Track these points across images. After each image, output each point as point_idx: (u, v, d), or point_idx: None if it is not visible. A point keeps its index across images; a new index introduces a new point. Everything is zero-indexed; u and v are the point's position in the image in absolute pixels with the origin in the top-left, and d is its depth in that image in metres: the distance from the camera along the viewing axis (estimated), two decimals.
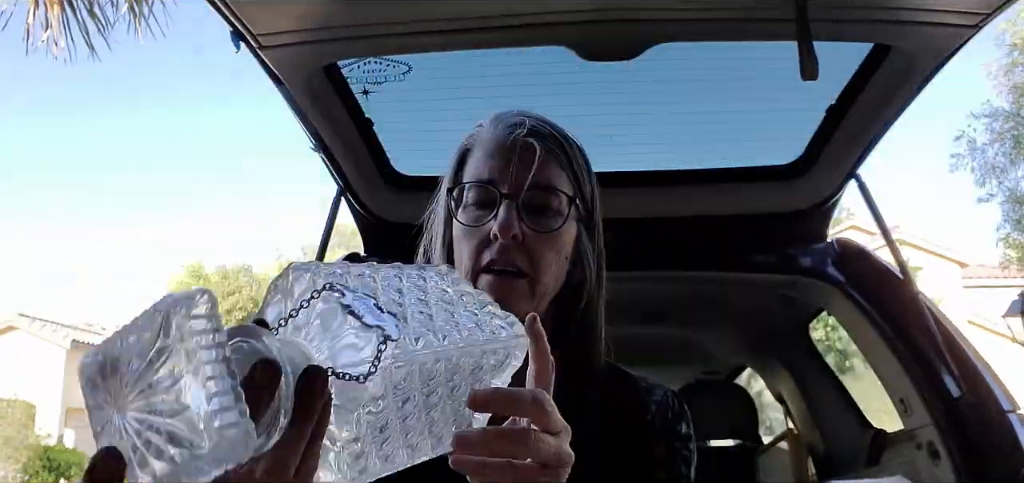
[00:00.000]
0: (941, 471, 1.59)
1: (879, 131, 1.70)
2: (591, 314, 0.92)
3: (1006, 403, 1.60)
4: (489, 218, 0.86)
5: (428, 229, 0.97)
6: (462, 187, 0.90)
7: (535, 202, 0.86)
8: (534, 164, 0.85)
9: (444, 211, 0.93)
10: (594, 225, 0.93)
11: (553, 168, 0.88)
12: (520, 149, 0.87)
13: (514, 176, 0.85)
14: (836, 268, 1.90)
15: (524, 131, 0.89)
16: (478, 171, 0.90)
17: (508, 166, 0.86)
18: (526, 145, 0.87)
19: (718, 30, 1.43)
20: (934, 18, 1.36)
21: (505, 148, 0.88)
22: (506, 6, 1.34)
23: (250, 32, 1.31)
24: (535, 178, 0.85)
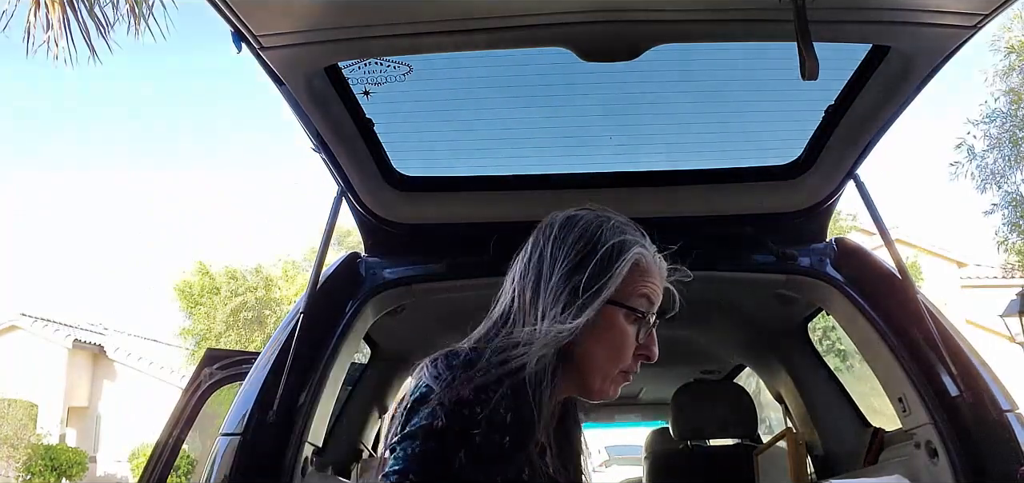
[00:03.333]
0: (939, 470, 1.59)
1: (878, 132, 1.71)
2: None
3: (1004, 402, 1.60)
4: (644, 333, 1.05)
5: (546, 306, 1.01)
6: (637, 309, 1.04)
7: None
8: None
9: (594, 312, 1.00)
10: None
11: None
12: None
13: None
14: (835, 268, 1.91)
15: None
16: (653, 294, 1.07)
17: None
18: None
19: (717, 31, 1.44)
20: (932, 19, 1.36)
21: (663, 277, 1.08)
22: (506, 7, 1.35)
23: (251, 33, 1.32)
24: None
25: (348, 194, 1.90)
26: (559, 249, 1.03)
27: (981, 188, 10.66)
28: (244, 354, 2.39)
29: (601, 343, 1.01)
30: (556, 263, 1.02)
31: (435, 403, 0.93)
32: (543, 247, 1.05)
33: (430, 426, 0.91)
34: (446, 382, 0.94)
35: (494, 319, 1.06)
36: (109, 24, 5.86)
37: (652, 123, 1.87)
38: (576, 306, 0.98)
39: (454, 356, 0.98)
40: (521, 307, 1.03)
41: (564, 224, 1.07)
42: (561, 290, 1.00)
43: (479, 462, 0.91)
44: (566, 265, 1.02)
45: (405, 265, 1.97)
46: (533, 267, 1.05)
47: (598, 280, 1.00)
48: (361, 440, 2.61)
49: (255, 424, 1.60)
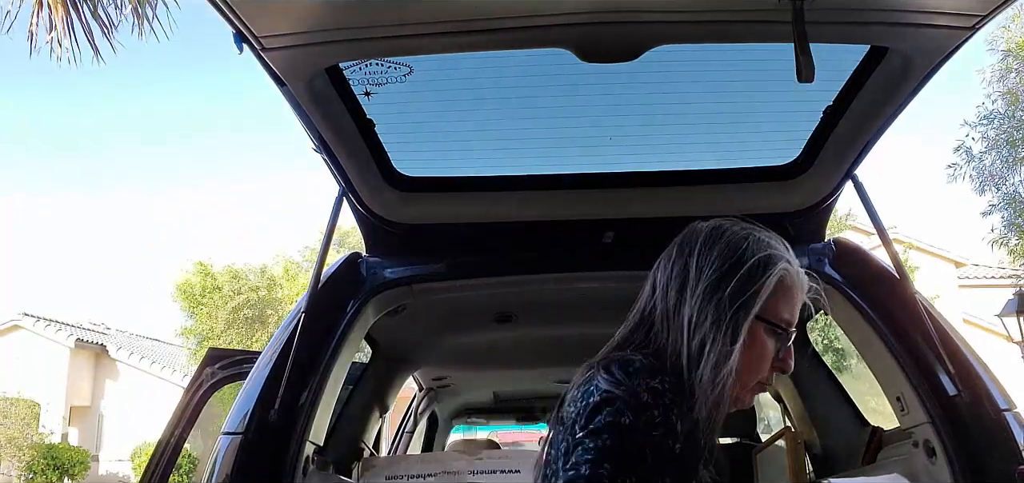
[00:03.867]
0: (938, 469, 1.60)
1: (876, 132, 1.71)
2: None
3: (1002, 401, 1.61)
4: (783, 347, 1.08)
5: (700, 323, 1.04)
6: (780, 325, 1.07)
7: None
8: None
9: (745, 330, 1.03)
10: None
11: None
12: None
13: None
14: (833, 268, 1.91)
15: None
16: (793, 312, 1.08)
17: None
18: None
19: (717, 32, 1.44)
20: (930, 20, 1.37)
21: (803, 292, 1.10)
22: (506, 8, 1.35)
23: (253, 34, 1.33)
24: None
25: (349, 194, 1.91)
26: (705, 259, 1.06)
27: (979, 190, 10.65)
28: (246, 353, 2.40)
29: (743, 356, 1.04)
30: (701, 273, 1.05)
31: (620, 404, 0.97)
32: (688, 256, 1.08)
33: (618, 423, 0.95)
34: (627, 387, 0.98)
35: (633, 323, 1.11)
36: (113, 25, 5.88)
37: (651, 123, 1.87)
38: (725, 322, 1.02)
39: (629, 364, 1.02)
40: (664, 314, 1.07)
41: (710, 235, 1.09)
42: (707, 301, 1.03)
43: (657, 462, 0.96)
44: (712, 276, 1.04)
45: (406, 265, 1.98)
46: (677, 275, 1.08)
47: (743, 294, 1.03)
48: (362, 439, 2.62)
49: (256, 423, 1.61)
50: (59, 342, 18.34)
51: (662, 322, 1.06)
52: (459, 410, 4.45)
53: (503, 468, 1.98)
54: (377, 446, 2.90)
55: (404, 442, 3.83)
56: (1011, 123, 10.19)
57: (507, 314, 2.46)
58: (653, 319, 1.08)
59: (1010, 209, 10.37)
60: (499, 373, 3.62)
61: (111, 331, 20.80)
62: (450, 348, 2.83)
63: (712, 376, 1.01)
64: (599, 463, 0.93)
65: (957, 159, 10.81)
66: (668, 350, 1.04)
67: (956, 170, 10.81)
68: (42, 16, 5.74)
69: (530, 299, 2.33)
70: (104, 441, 18.60)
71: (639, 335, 1.08)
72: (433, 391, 3.78)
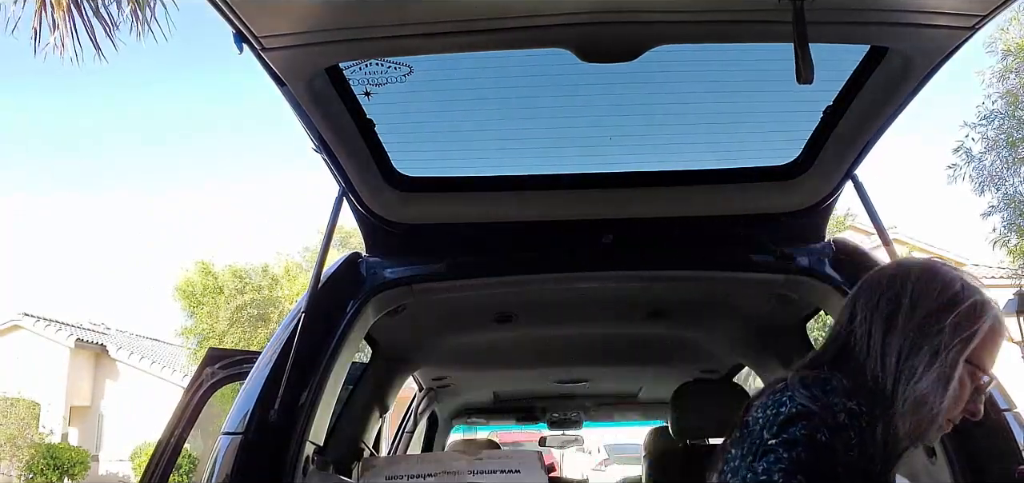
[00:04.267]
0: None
1: (876, 132, 1.71)
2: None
3: (1002, 401, 1.60)
4: (978, 393, 1.08)
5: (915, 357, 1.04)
6: (985, 371, 1.08)
7: None
8: None
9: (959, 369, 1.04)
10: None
11: None
12: None
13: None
14: (833, 268, 1.91)
15: None
16: (994, 360, 1.09)
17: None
18: None
19: (717, 32, 1.45)
20: (930, 20, 1.37)
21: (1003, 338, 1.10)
22: (506, 8, 1.35)
23: (253, 34, 1.33)
24: None
25: (349, 194, 1.91)
26: (919, 296, 1.06)
27: (979, 190, 10.65)
28: (246, 353, 2.40)
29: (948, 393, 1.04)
30: (916, 305, 1.06)
31: (817, 420, 0.98)
32: (899, 289, 1.08)
33: (814, 438, 0.96)
34: (823, 404, 1.00)
35: (832, 346, 1.12)
36: (114, 24, 5.88)
37: (651, 123, 1.88)
38: (941, 356, 1.03)
39: (827, 382, 1.04)
40: (866, 339, 1.07)
41: (924, 273, 1.10)
42: (921, 333, 1.04)
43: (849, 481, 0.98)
44: (930, 306, 1.05)
45: (406, 265, 1.98)
46: (886, 305, 1.08)
47: (962, 333, 1.03)
48: (362, 439, 2.62)
49: (256, 423, 1.61)
50: (59, 342, 18.34)
51: (864, 346, 1.07)
52: (459, 410, 4.45)
53: (503, 468, 1.98)
54: (377, 446, 2.90)
55: (404, 442, 3.83)
56: (1011, 124, 10.19)
57: (507, 314, 2.46)
58: (851, 343, 1.09)
59: (1010, 209, 10.38)
60: (499, 373, 3.62)
61: (111, 331, 20.80)
62: (450, 348, 2.83)
63: (914, 407, 1.02)
64: (793, 474, 0.94)
65: (957, 159, 10.81)
66: (867, 374, 1.05)
67: (956, 170, 10.81)
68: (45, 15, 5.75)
69: (530, 299, 2.33)
70: (104, 441, 18.61)
71: (829, 355, 1.10)
72: (433, 391, 3.78)
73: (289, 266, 17.17)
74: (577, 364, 3.45)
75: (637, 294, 2.31)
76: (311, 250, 17.11)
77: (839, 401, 1.00)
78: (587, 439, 10.26)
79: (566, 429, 4.73)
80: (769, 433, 0.99)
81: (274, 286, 16.69)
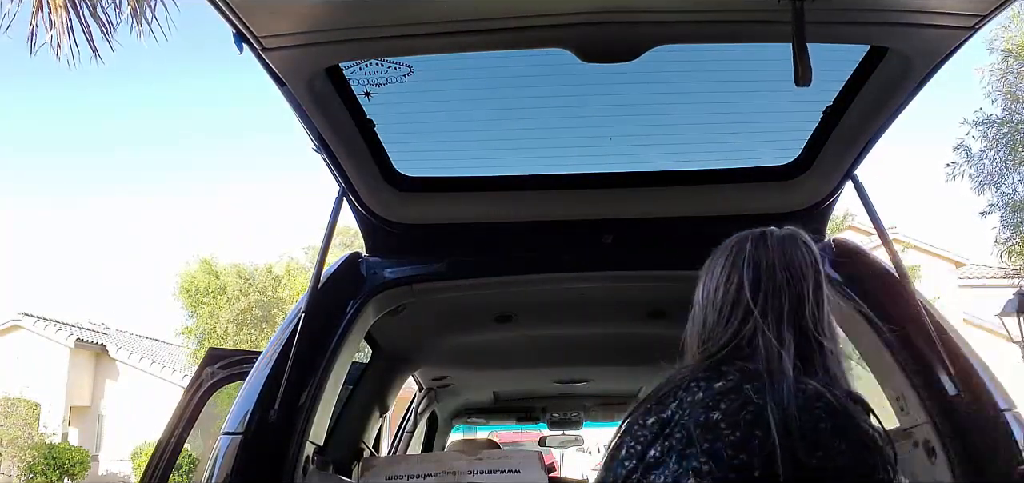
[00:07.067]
0: (938, 469, 1.59)
1: (876, 132, 1.71)
2: None
3: (1002, 402, 1.60)
4: None
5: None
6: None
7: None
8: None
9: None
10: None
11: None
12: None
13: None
14: (833, 268, 1.91)
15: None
16: None
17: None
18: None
19: (716, 32, 1.45)
20: (930, 20, 1.37)
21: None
22: (506, 8, 1.35)
23: (253, 34, 1.33)
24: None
25: (349, 194, 1.91)
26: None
27: (978, 188, 10.65)
28: (246, 353, 2.40)
29: None
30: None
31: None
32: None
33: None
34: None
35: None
36: (112, 25, 5.87)
37: (652, 123, 1.88)
38: None
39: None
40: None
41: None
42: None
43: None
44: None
45: (406, 265, 1.98)
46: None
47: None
48: (362, 439, 2.62)
49: (256, 423, 1.61)
50: (59, 342, 18.34)
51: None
52: (459, 410, 4.45)
53: (503, 468, 1.98)
54: (377, 446, 2.90)
55: (404, 442, 3.83)
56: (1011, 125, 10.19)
57: (507, 314, 2.46)
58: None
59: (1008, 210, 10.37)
60: (499, 373, 3.62)
61: (111, 331, 20.80)
62: (450, 348, 2.83)
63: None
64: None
65: (956, 158, 10.81)
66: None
67: (955, 168, 10.81)
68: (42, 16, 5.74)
69: (530, 299, 2.33)
70: (104, 441, 18.60)
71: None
72: (433, 391, 3.78)
73: (291, 266, 17.18)
74: (577, 364, 3.45)
75: (637, 294, 2.30)
76: (314, 249, 17.11)
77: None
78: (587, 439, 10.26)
79: (566, 429, 4.73)
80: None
81: (277, 287, 16.69)
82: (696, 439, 0.98)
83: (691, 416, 1.01)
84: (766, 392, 0.99)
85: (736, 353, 1.07)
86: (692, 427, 0.99)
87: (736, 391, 1.01)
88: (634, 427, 1.07)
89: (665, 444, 1.01)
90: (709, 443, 0.97)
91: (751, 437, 0.96)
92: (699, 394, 1.04)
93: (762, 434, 0.96)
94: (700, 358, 1.13)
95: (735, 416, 0.98)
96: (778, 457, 0.94)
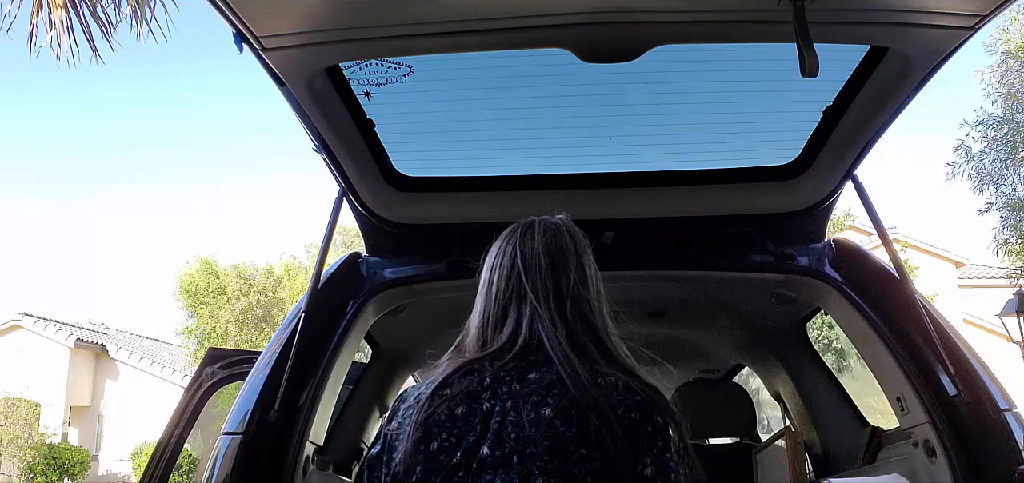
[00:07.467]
0: (938, 469, 1.60)
1: (876, 132, 1.71)
2: None
3: (1002, 401, 1.60)
4: None
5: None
6: None
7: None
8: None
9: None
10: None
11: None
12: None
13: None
14: (833, 267, 1.91)
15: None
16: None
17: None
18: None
19: (717, 32, 1.45)
20: (930, 20, 1.37)
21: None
22: (506, 8, 1.35)
23: (253, 34, 1.33)
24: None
25: (349, 194, 1.91)
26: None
27: (978, 188, 10.65)
28: (246, 353, 2.40)
29: None
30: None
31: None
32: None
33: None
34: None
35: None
36: (112, 25, 5.87)
37: (651, 123, 1.87)
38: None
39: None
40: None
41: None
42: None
43: None
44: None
45: (406, 265, 1.98)
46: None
47: None
48: (362, 439, 2.62)
49: (256, 423, 1.61)
50: (59, 342, 18.34)
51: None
52: None
53: None
54: None
55: None
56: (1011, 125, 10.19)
57: None
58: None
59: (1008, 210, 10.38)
60: None
61: (111, 331, 20.80)
62: (450, 348, 2.83)
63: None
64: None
65: (956, 158, 10.82)
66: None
67: (955, 168, 10.82)
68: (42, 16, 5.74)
69: None
70: (104, 441, 18.61)
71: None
72: None
73: (290, 266, 17.18)
74: None
75: (637, 294, 2.31)
76: (315, 246, 17.12)
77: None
78: None
79: None
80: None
81: (277, 287, 16.69)
82: (533, 438, 0.98)
83: (519, 411, 1.01)
84: (575, 382, 1.01)
85: (521, 344, 1.08)
86: (526, 424, 0.99)
87: (558, 384, 1.02)
88: (440, 418, 1.02)
89: (498, 443, 0.99)
90: (549, 441, 0.98)
91: (586, 430, 0.98)
92: (516, 385, 1.03)
93: (591, 426, 0.98)
94: (479, 347, 1.13)
95: (567, 412, 0.99)
96: (611, 447, 0.97)
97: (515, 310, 1.11)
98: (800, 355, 2.57)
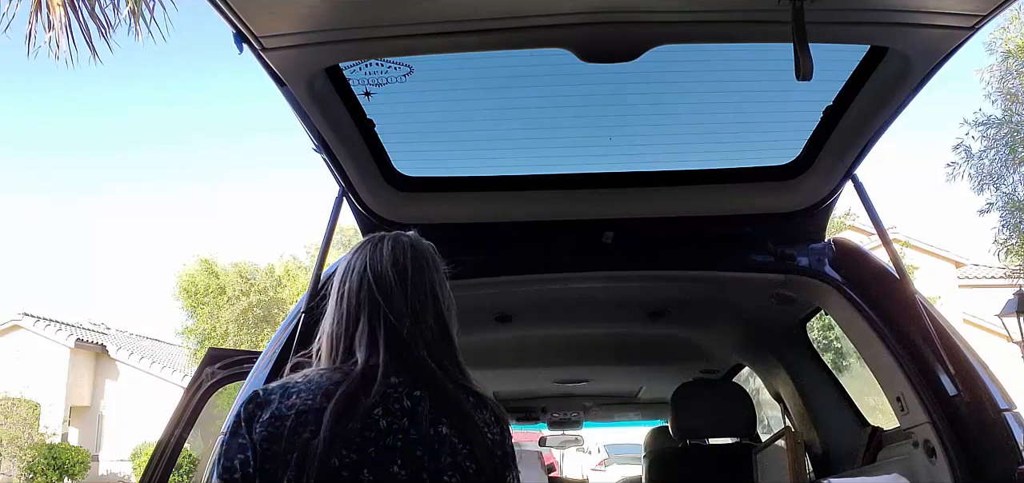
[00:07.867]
0: (938, 469, 1.60)
1: (876, 132, 1.71)
2: None
3: (1002, 401, 1.60)
4: None
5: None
6: None
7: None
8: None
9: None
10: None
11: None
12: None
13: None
14: (833, 267, 1.91)
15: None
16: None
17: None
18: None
19: (716, 32, 1.45)
20: (930, 20, 1.37)
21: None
22: (506, 8, 1.35)
23: (253, 34, 1.33)
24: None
25: (349, 194, 1.91)
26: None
27: (978, 188, 10.66)
28: (246, 353, 2.40)
29: None
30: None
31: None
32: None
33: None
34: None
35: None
36: (110, 26, 5.87)
37: (651, 123, 1.88)
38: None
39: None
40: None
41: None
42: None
43: None
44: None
45: None
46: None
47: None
48: None
49: None
50: (59, 342, 18.33)
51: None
52: None
53: None
54: None
55: None
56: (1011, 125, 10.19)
57: (507, 314, 2.46)
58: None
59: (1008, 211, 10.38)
60: (499, 373, 3.63)
61: (111, 331, 20.80)
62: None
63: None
64: None
65: (956, 158, 10.82)
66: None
67: (954, 168, 10.82)
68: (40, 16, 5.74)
69: (530, 299, 2.34)
70: (104, 441, 18.60)
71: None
72: None
73: (290, 266, 17.18)
74: (577, 364, 3.45)
75: (637, 294, 2.31)
76: (316, 245, 17.13)
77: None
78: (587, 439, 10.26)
79: (566, 429, 4.74)
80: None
81: (277, 287, 16.69)
82: (438, 454, 1.02)
83: (418, 430, 1.03)
84: (456, 400, 1.06)
85: (387, 358, 1.08)
86: (434, 444, 1.03)
87: (444, 402, 1.05)
88: (339, 432, 1.01)
89: (407, 460, 1.01)
90: (452, 457, 1.02)
91: (474, 449, 1.04)
92: (407, 403, 1.05)
93: (477, 444, 1.05)
94: (331, 360, 1.13)
95: (461, 428, 1.04)
96: (486, 463, 1.04)
97: (367, 323, 1.11)
98: (800, 355, 2.57)
